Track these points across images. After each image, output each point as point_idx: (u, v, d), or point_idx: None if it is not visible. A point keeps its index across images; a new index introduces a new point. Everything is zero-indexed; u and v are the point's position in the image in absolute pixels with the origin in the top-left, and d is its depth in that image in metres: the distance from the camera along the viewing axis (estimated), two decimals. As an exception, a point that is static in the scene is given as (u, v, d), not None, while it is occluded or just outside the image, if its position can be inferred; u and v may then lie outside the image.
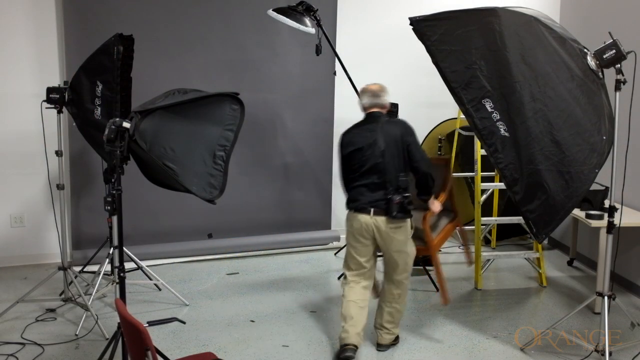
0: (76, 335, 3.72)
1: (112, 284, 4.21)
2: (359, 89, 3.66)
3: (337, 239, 5.63)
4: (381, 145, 3.40)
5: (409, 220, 3.49)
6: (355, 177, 3.48)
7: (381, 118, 3.51)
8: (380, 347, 3.68)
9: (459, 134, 5.29)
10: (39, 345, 3.60)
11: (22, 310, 4.05)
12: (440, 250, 4.39)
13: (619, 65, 3.32)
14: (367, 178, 3.44)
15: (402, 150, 3.41)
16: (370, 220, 3.43)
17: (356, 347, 3.48)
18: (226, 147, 3.44)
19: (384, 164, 3.40)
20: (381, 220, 3.42)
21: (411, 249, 3.57)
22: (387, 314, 3.64)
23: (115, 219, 3.05)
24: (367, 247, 3.51)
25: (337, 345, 3.58)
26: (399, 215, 3.38)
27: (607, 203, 4.04)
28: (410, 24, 3.14)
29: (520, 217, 3.20)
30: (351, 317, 3.51)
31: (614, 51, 3.25)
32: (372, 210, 3.42)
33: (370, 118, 3.53)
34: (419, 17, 3.15)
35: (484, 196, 4.93)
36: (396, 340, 3.74)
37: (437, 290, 4.63)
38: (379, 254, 3.63)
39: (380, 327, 3.68)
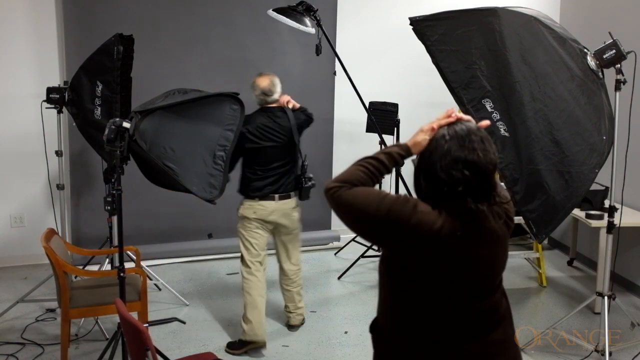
0: (76, 335, 3.72)
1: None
2: (358, 90, 3.66)
3: (337, 239, 5.62)
4: None
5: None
6: None
7: None
8: (293, 328, 3.92)
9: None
10: (39, 345, 3.60)
11: (22, 310, 4.05)
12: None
13: (619, 65, 3.32)
14: None
15: None
16: None
17: None
18: (226, 147, 3.44)
19: None
20: None
21: None
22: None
23: (115, 219, 3.05)
24: None
25: (336, 344, 3.57)
26: None
27: (607, 203, 4.05)
28: (410, 24, 3.14)
29: (520, 217, 3.19)
30: None
31: (614, 51, 3.25)
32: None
33: None
34: (419, 17, 3.15)
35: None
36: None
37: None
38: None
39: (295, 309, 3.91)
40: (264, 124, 3.55)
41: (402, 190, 4.69)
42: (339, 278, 4.86)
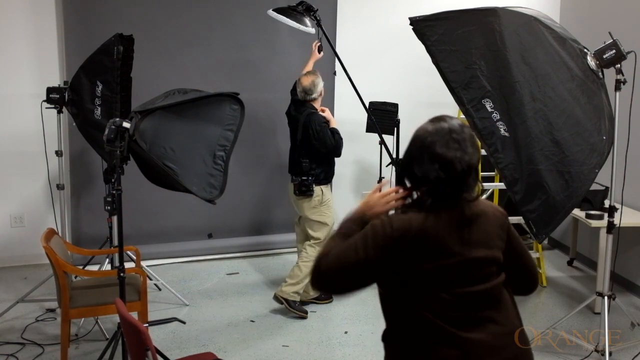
0: (76, 335, 3.72)
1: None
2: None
3: (337, 239, 5.61)
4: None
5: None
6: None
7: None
8: (274, 296, 4.15)
9: (459, 134, 5.28)
10: (39, 345, 3.60)
11: (22, 310, 4.05)
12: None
13: (619, 65, 3.32)
14: None
15: None
16: None
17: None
18: (226, 147, 3.45)
19: None
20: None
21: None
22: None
23: (115, 219, 3.06)
24: None
25: (336, 344, 3.58)
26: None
27: (607, 203, 4.04)
28: (410, 24, 3.14)
29: (520, 217, 3.19)
30: None
31: (614, 51, 3.25)
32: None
33: None
34: (419, 17, 3.14)
35: (484, 196, 4.92)
36: (290, 306, 4.07)
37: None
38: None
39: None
40: (290, 112, 4.21)
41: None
42: (339, 278, 4.86)
